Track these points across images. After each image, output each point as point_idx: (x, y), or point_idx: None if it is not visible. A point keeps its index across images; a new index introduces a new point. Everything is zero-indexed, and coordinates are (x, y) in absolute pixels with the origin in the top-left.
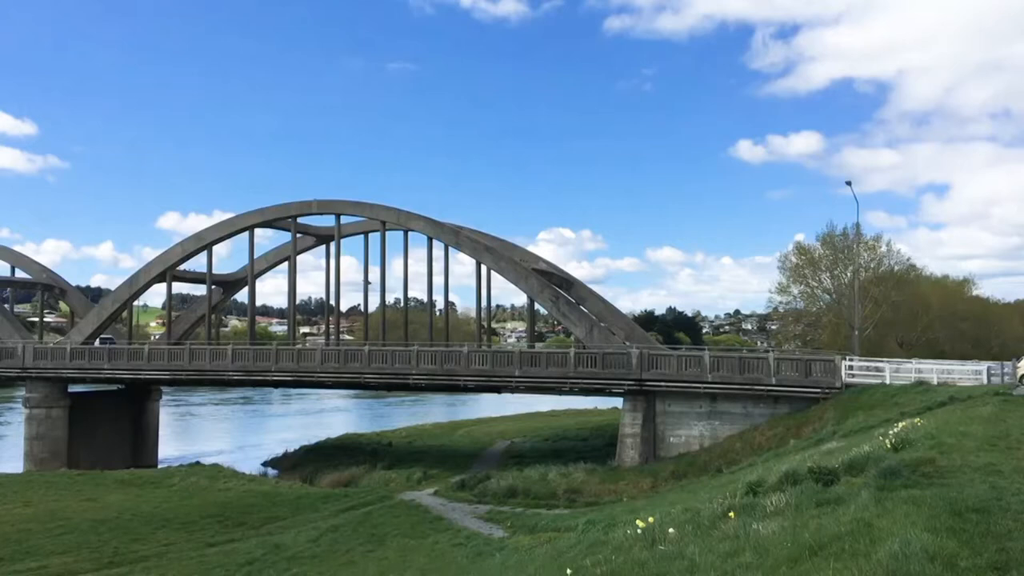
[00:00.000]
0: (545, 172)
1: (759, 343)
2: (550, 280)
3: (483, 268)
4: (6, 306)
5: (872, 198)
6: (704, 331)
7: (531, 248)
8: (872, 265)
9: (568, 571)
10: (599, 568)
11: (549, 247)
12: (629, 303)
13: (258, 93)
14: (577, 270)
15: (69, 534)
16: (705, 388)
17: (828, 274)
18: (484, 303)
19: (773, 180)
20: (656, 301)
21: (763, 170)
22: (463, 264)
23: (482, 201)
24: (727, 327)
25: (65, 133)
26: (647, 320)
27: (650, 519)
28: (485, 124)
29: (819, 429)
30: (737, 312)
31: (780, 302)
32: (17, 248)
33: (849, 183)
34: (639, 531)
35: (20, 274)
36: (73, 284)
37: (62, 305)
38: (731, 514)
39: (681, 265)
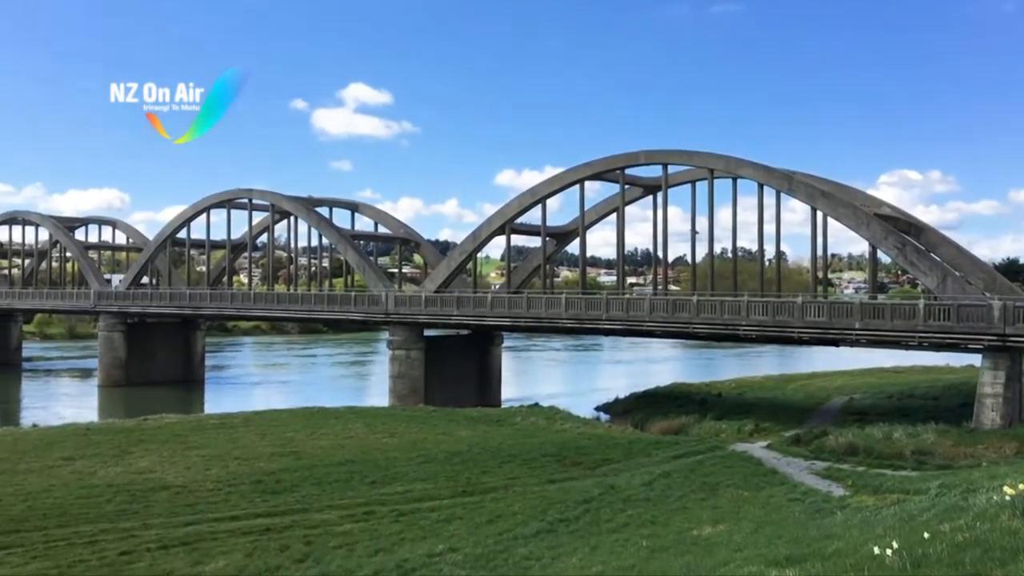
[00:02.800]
0: (885, 107)
1: None
2: (895, 226)
3: (818, 214)
4: (371, 258)
5: None
6: None
7: (871, 192)
8: None
9: (925, 534)
10: (960, 535)
11: (891, 191)
12: (987, 251)
13: (579, 48)
14: (924, 215)
15: (428, 463)
16: None
17: None
18: (819, 251)
19: None
20: (1021, 248)
21: None
22: (794, 212)
23: (814, 145)
24: None
25: (416, 100)
26: (1011, 269)
27: (1021, 486)
28: (816, 61)
29: None
30: None
31: None
32: (378, 206)
33: None
34: (1007, 498)
35: (382, 229)
36: (425, 238)
37: (416, 257)
38: None
39: None
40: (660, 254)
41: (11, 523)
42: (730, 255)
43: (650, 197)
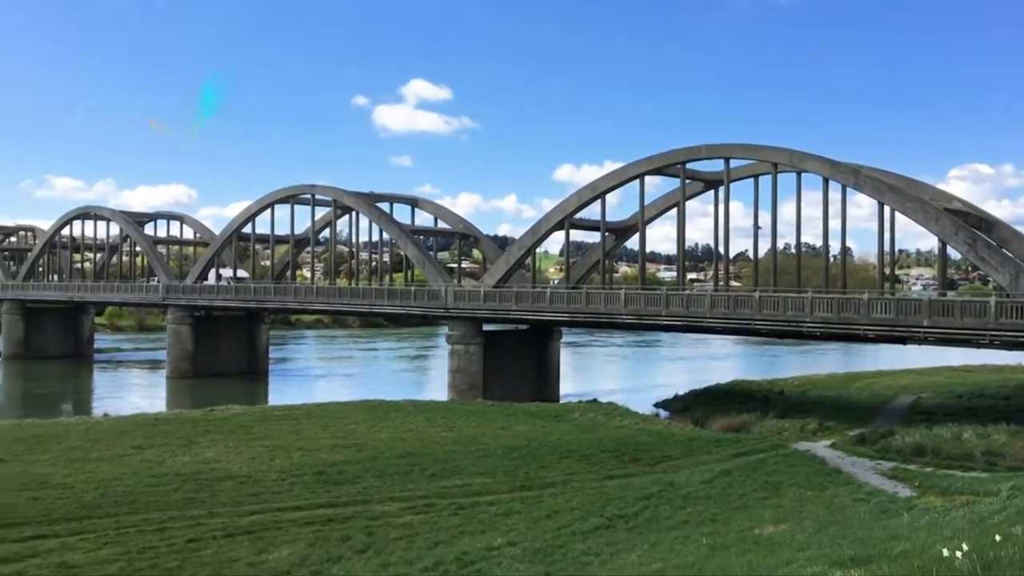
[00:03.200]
0: (955, 99)
1: None
2: (965, 220)
3: (885, 209)
4: (431, 253)
5: None
6: None
7: (941, 187)
8: None
9: (996, 537)
10: None
11: (961, 185)
12: None
13: (641, 42)
14: (996, 210)
15: (487, 457)
16: None
17: None
18: (886, 247)
19: None
20: None
21: None
22: (860, 207)
23: (880, 138)
24: None
25: (475, 96)
26: None
27: None
28: (884, 55)
29: None
30: None
31: None
32: (438, 202)
33: None
34: None
35: (441, 224)
36: (484, 233)
37: (475, 252)
38: None
39: None
40: (721, 249)
41: (83, 509)
42: (793, 251)
43: (711, 192)
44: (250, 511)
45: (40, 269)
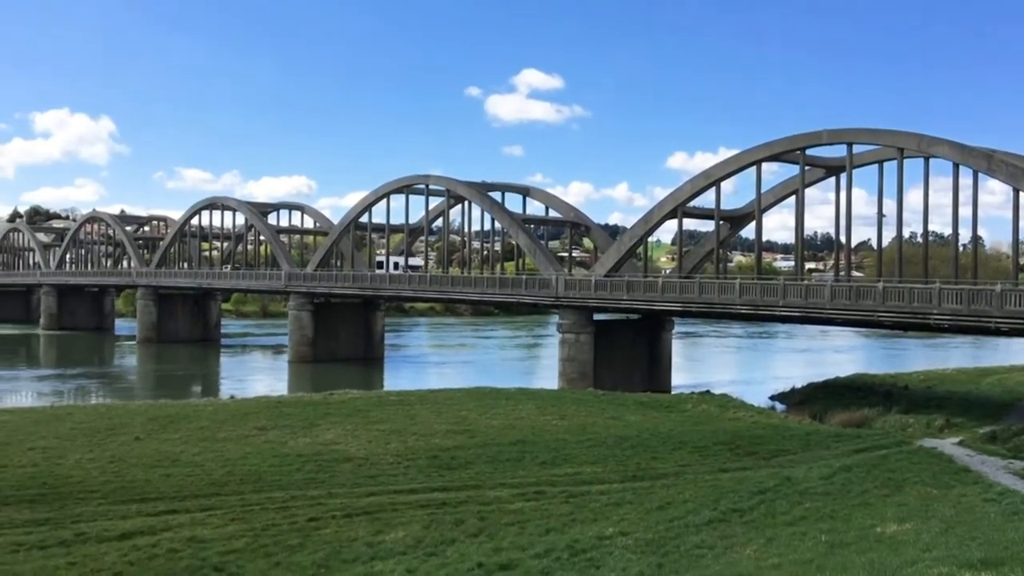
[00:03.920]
0: None
1: None
2: None
3: (1021, 196)
4: (541, 242)
5: None
6: None
7: None
8: None
9: None
10: None
11: None
12: None
13: (754, 26)
14: None
15: (597, 447)
16: None
17: None
18: (1021, 236)
19: None
20: None
21: None
22: (992, 193)
23: (1014, 122)
24: None
25: (587, 84)
26: None
27: None
28: (1015, 34)
29: None
30: None
31: None
32: (549, 191)
33: None
34: None
35: (552, 213)
36: (594, 222)
37: (586, 241)
38: None
39: None
40: (843, 238)
41: (212, 487)
42: (919, 239)
43: (831, 179)
44: (367, 492)
45: (171, 257)
